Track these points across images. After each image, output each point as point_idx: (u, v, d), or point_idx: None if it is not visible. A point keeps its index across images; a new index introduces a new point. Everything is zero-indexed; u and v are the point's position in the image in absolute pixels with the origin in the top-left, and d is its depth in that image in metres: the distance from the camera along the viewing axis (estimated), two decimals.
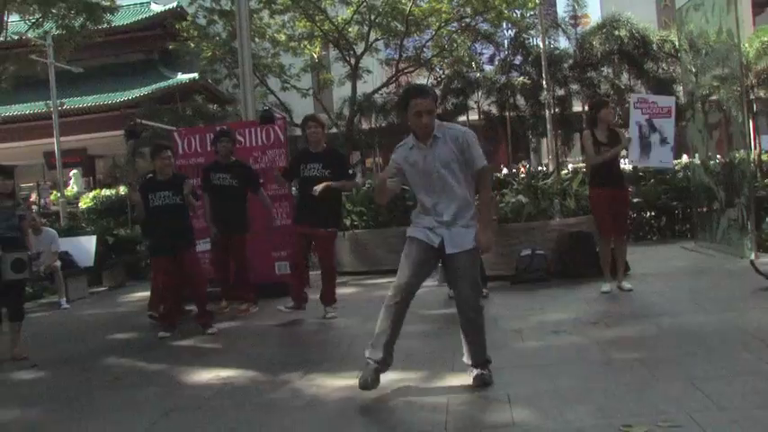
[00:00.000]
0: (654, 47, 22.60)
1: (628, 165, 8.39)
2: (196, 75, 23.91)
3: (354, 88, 20.85)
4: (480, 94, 24.56)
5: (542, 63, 21.72)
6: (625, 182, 6.92)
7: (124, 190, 16.02)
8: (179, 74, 25.29)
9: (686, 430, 2.93)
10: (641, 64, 22.62)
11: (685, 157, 9.95)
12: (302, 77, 21.71)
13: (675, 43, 15.76)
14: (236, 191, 7.02)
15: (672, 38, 20.30)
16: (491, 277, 7.12)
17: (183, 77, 24.93)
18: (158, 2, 27.12)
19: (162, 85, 25.41)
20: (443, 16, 19.80)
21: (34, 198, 21.36)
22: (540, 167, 21.33)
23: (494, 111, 24.84)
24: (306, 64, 21.78)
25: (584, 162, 12.27)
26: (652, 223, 10.76)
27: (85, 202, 17.68)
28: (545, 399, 3.51)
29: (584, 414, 3.25)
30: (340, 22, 19.89)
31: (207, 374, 4.71)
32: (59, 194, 19.63)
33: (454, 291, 3.92)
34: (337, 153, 6.79)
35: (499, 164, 22.72)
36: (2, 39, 14.00)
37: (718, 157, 8.90)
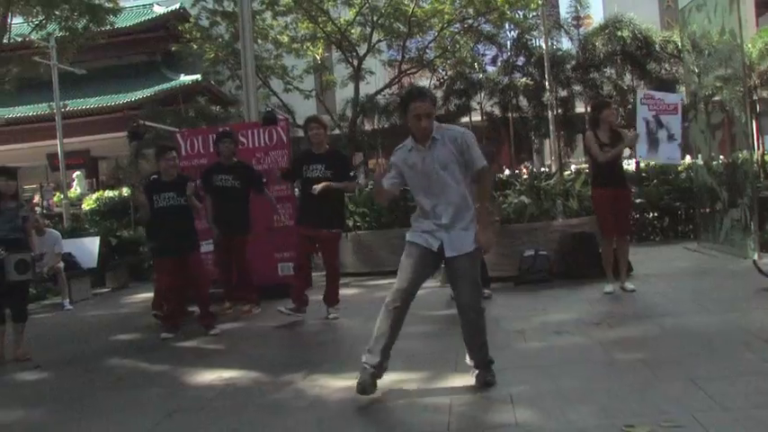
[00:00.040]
0: (656, 47, 22.56)
1: (630, 165, 8.38)
2: (199, 76, 23.93)
3: (357, 89, 20.86)
4: (483, 95, 24.54)
5: (545, 64, 21.72)
6: (627, 182, 6.91)
7: (127, 191, 16.03)
8: (182, 75, 25.31)
9: (689, 430, 2.93)
10: (644, 65, 22.59)
11: (688, 157, 9.93)
12: (305, 79, 21.75)
13: (678, 44, 15.74)
14: (238, 192, 7.02)
15: (675, 38, 20.28)
16: (494, 278, 7.12)
17: (185, 79, 24.95)
18: (161, 3, 27.15)
19: (165, 86, 25.43)
20: (446, 17, 19.81)
21: (37, 200, 21.45)
22: (543, 168, 21.30)
23: (496, 112, 24.83)
24: (309, 65, 21.81)
25: (586, 163, 12.27)
26: (655, 224, 10.74)
27: (88, 203, 17.67)
28: (548, 399, 3.52)
29: (586, 414, 3.25)
30: (343, 23, 19.91)
31: (210, 375, 4.72)
32: (62, 196, 19.69)
33: (455, 293, 3.91)
34: (340, 154, 6.77)
35: (501, 165, 22.69)
36: (5, 41, 14.04)
37: (721, 157, 8.89)
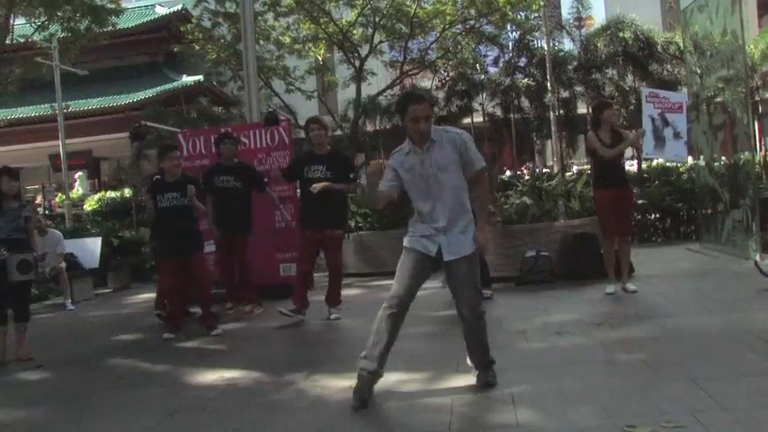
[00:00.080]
0: (658, 48, 22.50)
1: (632, 166, 8.38)
2: (201, 77, 23.92)
3: (359, 90, 20.84)
4: (485, 96, 24.49)
5: (547, 65, 21.68)
6: (629, 183, 6.91)
7: (129, 192, 16.07)
8: (184, 76, 25.31)
9: (690, 431, 2.93)
10: (646, 66, 22.53)
11: (690, 158, 9.91)
12: (307, 80, 21.72)
13: (680, 45, 15.69)
14: (239, 193, 7.03)
15: (677, 39, 20.23)
16: (495, 278, 7.12)
17: (187, 80, 24.95)
18: (163, 4, 27.16)
19: (167, 87, 25.43)
20: (448, 18, 19.79)
21: (39, 200, 21.49)
22: (545, 169, 21.27)
23: (498, 113, 24.77)
24: (310, 66, 21.77)
25: (588, 164, 12.26)
26: (657, 225, 10.74)
27: (90, 204, 17.74)
28: (549, 399, 3.52)
29: (587, 414, 3.25)
30: (344, 24, 19.89)
31: (211, 375, 4.73)
32: (64, 196, 19.73)
33: (454, 296, 3.88)
34: (341, 156, 6.75)
35: (503, 166, 22.68)
36: (8, 42, 14.05)
37: (723, 158, 8.88)
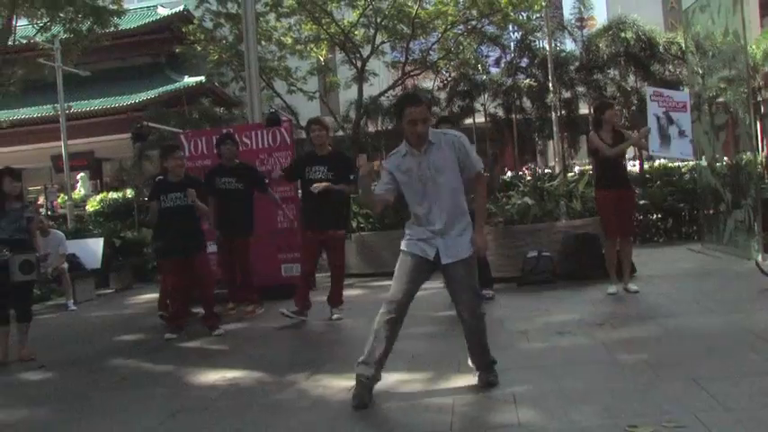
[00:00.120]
0: (660, 49, 22.48)
1: (634, 166, 8.38)
2: (203, 78, 23.94)
3: (360, 91, 20.84)
4: (486, 96, 24.50)
5: (549, 65, 21.67)
6: (631, 183, 6.91)
7: (131, 193, 16.08)
8: (186, 77, 25.34)
9: (691, 431, 2.93)
10: (648, 66, 22.51)
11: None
12: (308, 80, 21.72)
13: (682, 45, 15.70)
14: (240, 194, 7.03)
15: (678, 40, 20.21)
16: (497, 279, 7.13)
17: (189, 81, 24.98)
18: (165, 5, 27.20)
19: (169, 88, 25.46)
20: (449, 19, 19.78)
21: (42, 201, 21.52)
22: (547, 170, 21.26)
23: (500, 113, 24.78)
24: (312, 67, 21.78)
25: (590, 164, 12.26)
26: (658, 225, 10.74)
27: (92, 204, 17.78)
28: (550, 399, 3.52)
29: (589, 414, 3.25)
30: (346, 24, 19.90)
31: (213, 375, 4.73)
32: (66, 197, 19.74)
33: (453, 299, 3.88)
34: (343, 156, 6.74)
35: (504, 167, 22.67)
36: (10, 43, 14.07)
37: (725, 158, 8.87)
